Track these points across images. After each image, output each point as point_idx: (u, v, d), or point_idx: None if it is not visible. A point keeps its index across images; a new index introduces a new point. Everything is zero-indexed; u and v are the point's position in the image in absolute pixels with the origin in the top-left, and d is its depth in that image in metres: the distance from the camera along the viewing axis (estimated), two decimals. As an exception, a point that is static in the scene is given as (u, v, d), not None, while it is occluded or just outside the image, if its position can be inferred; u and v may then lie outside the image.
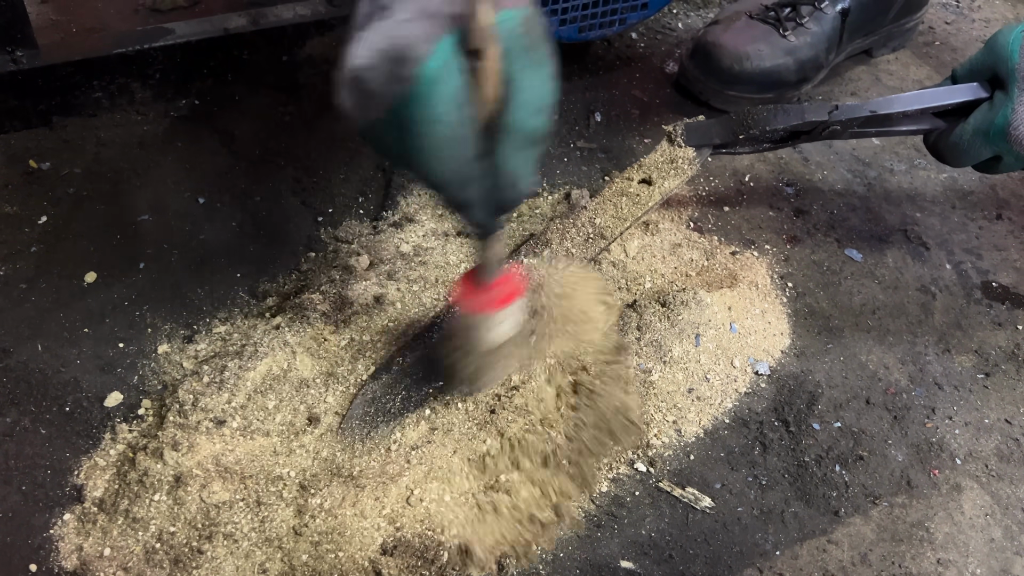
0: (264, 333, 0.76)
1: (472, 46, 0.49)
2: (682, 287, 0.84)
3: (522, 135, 0.53)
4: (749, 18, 1.06)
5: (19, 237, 0.85)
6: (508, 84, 0.51)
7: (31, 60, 0.92)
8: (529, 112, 0.52)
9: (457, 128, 0.50)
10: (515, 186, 0.55)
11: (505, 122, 0.52)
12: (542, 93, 0.53)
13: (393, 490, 0.66)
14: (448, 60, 0.49)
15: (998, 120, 0.74)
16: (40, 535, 0.65)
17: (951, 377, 0.82)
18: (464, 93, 0.50)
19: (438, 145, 0.50)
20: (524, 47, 0.51)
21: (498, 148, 0.53)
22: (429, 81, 0.49)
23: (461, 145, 0.51)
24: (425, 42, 0.49)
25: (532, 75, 0.52)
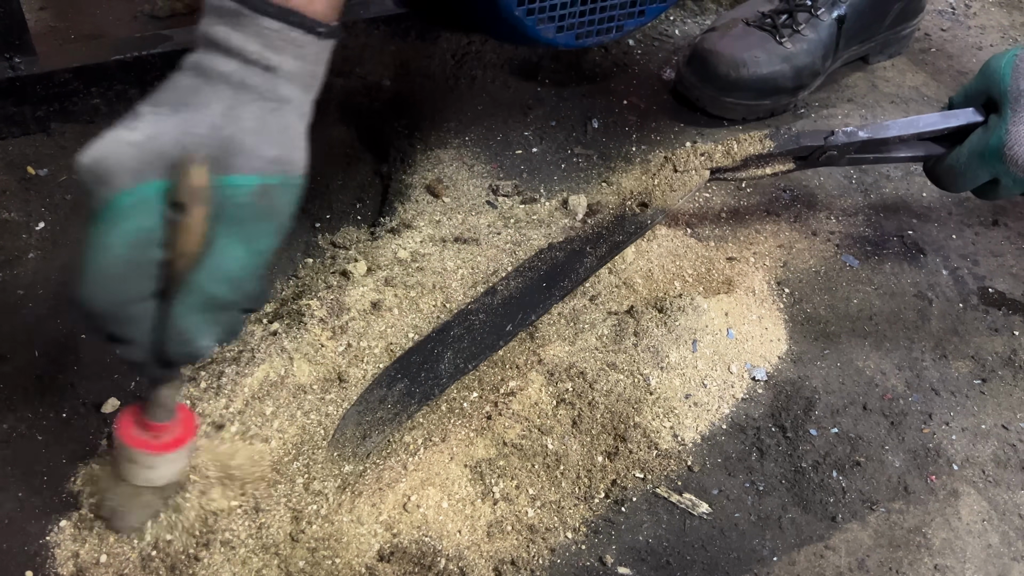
0: (261, 339, 0.76)
1: (176, 199, 0.48)
2: (679, 293, 0.84)
3: (202, 298, 0.51)
4: (746, 25, 1.07)
5: (17, 243, 0.85)
6: (206, 246, 0.49)
7: (29, 67, 0.92)
8: (215, 278, 0.50)
9: (128, 267, 0.49)
10: (186, 345, 0.52)
11: (188, 280, 0.50)
12: (238, 266, 0.51)
13: (390, 496, 0.66)
14: (145, 201, 0.48)
15: (993, 141, 0.74)
16: (36, 542, 0.65)
17: (948, 383, 0.82)
18: (154, 238, 0.49)
19: (100, 273, 0.49)
20: (240, 217, 0.50)
21: (173, 303, 0.51)
22: (111, 210, 0.48)
23: (127, 284, 0.49)
24: (128, 175, 0.48)
25: (233, 245, 0.50)
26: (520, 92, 1.08)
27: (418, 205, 0.92)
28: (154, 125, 0.49)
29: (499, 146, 1.01)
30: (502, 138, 1.02)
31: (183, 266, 0.50)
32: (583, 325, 0.80)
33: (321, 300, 0.79)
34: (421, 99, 1.05)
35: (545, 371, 0.75)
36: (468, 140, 1.01)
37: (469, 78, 1.09)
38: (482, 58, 1.11)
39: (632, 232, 0.85)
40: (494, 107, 1.05)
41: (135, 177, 0.48)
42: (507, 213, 0.93)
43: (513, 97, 1.07)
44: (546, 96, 1.08)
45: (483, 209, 0.93)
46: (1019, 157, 0.73)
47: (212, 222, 0.49)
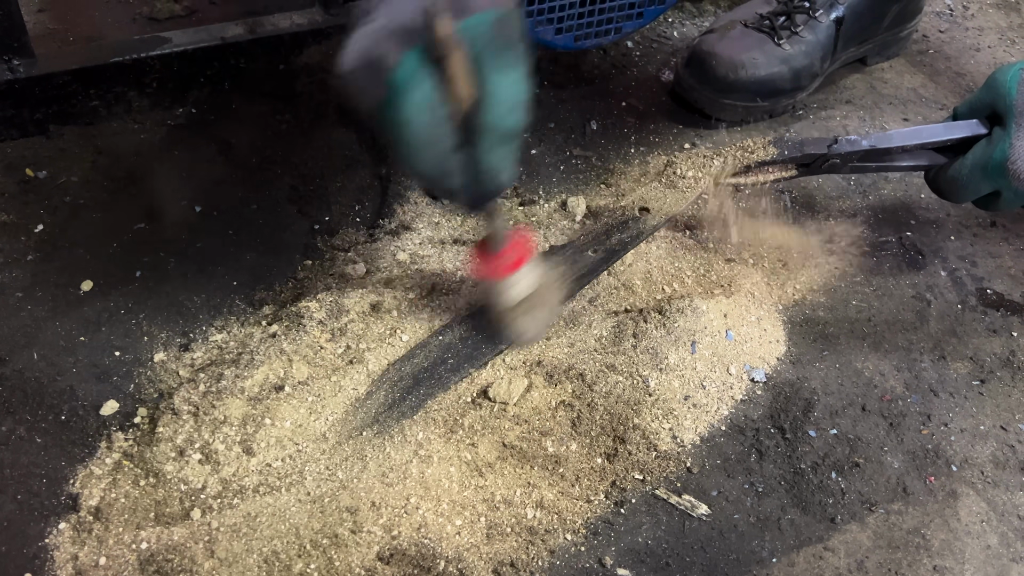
0: (260, 341, 0.76)
1: (435, 55, 0.54)
2: (678, 295, 0.84)
3: (498, 132, 0.57)
4: (744, 27, 1.07)
5: (15, 246, 0.85)
6: (481, 85, 0.55)
7: (28, 69, 0.92)
8: (502, 111, 0.56)
9: (429, 128, 0.55)
10: (495, 178, 0.59)
11: (479, 122, 0.56)
12: (514, 92, 0.56)
13: (391, 498, 0.66)
14: (415, 69, 0.54)
15: (996, 155, 0.75)
16: (35, 544, 0.65)
17: (947, 384, 0.82)
18: (435, 97, 0.55)
19: (413, 142, 0.56)
20: (494, 50, 0.55)
21: (476, 145, 0.57)
22: (398, 88, 0.54)
23: (436, 142, 0.56)
24: (393, 53, 0.53)
25: (503, 76, 0.56)
26: (519, 94, 1.08)
27: (417, 207, 0.92)
28: (385, 9, 0.55)
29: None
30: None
31: (464, 109, 0.56)
32: (582, 327, 0.80)
33: (320, 302, 0.79)
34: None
35: (544, 372, 0.75)
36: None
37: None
38: (481, 60, 1.11)
39: (634, 237, 0.85)
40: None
41: (397, 51, 0.53)
42: (506, 215, 0.93)
43: (512, 99, 1.07)
44: (545, 98, 1.08)
45: (482, 211, 0.93)
46: (1022, 171, 0.74)
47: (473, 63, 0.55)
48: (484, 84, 0.55)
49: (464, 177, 0.59)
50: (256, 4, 1.18)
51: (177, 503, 0.66)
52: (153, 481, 0.67)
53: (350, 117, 1.02)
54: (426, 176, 0.59)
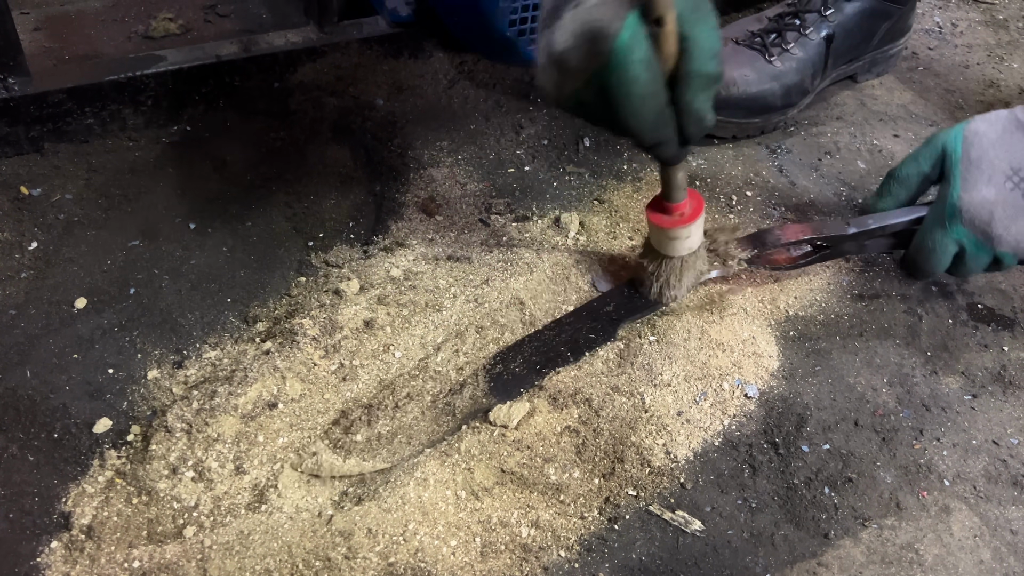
0: (254, 358, 0.76)
1: (655, 15, 0.59)
2: (671, 311, 0.85)
3: (703, 79, 0.62)
4: (735, 44, 1.08)
5: (9, 263, 0.85)
6: (684, 39, 0.61)
7: (23, 87, 0.93)
8: (706, 59, 0.62)
9: (650, 85, 0.61)
10: (701, 122, 0.64)
11: (687, 71, 0.62)
12: (713, 40, 0.62)
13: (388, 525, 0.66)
14: (636, 31, 0.59)
15: (949, 208, 0.80)
16: (27, 563, 0.64)
17: (938, 399, 0.82)
18: (652, 55, 0.60)
19: (637, 102, 0.61)
20: (692, 6, 0.61)
21: (684, 93, 0.63)
22: (624, 52, 0.59)
23: (655, 98, 0.62)
24: (615, 20, 0.59)
25: (703, 28, 0.62)
26: (512, 111, 1.09)
27: (411, 223, 0.93)
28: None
29: (492, 165, 1.02)
30: (495, 157, 1.03)
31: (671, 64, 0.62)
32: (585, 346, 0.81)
33: (314, 319, 0.79)
34: (414, 118, 1.06)
35: (548, 396, 0.75)
36: (461, 159, 1.01)
37: (462, 97, 1.10)
38: (475, 78, 1.12)
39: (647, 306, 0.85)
40: (486, 126, 1.06)
41: (617, 18, 0.59)
42: (500, 231, 0.93)
43: (505, 116, 1.08)
44: (538, 115, 1.09)
45: (476, 227, 0.93)
46: (976, 218, 0.79)
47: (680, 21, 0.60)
48: (689, 36, 0.61)
49: (673, 127, 0.64)
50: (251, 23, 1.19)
51: (170, 521, 0.66)
52: (146, 499, 0.67)
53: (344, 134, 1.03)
54: (645, 130, 0.63)
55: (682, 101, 0.63)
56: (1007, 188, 0.78)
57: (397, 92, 1.08)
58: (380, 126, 1.04)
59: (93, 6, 1.19)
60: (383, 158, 1.00)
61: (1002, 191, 0.78)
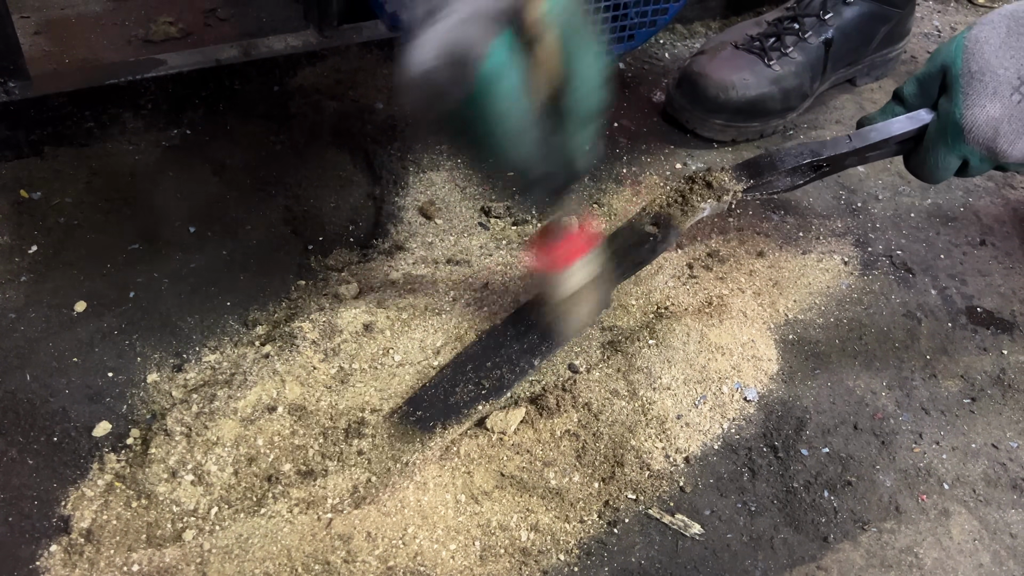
0: (254, 362, 0.76)
1: (527, 37, 0.53)
2: (671, 314, 0.85)
3: (584, 113, 0.57)
4: (735, 48, 1.08)
5: (9, 266, 0.85)
6: (565, 67, 0.55)
7: (23, 91, 0.93)
8: (588, 92, 0.56)
9: (521, 117, 0.54)
10: (582, 159, 0.59)
11: (567, 103, 0.56)
12: (597, 72, 0.56)
13: (387, 528, 0.66)
14: (506, 55, 0.52)
15: (951, 126, 0.75)
16: (26, 567, 0.64)
17: (938, 402, 0.82)
18: (524, 83, 0.54)
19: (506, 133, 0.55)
20: (574, 33, 0.55)
21: (563, 128, 0.57)
22: (491, 78, 0.52)
23: (527, 131, 0.55)
24: (483, 41, 0.52)
25: (584, 59, 0.55)
26: (512, 115, 1.09)
27: (410, 227, 0.93)
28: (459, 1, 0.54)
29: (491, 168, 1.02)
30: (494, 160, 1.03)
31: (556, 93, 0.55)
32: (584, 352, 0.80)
33: (313, 322, 0.79)
34: (414, 122, 1.06)
35: (549, 401, 0.75)
36: (460, 162, 1.02)
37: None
38: (474, 81, 1.12)
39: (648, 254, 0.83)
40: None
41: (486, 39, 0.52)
42: (499, 235, 0.93)
43: (505, 120, 1.08)
44: (537, 118, 1.09)
45: (475, 231, 0.93)
46: (980, 136, 0.74)
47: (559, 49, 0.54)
48: (569, 66, 0.55)
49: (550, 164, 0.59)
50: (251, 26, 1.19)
51: (169, 525, 0.66)
52: (145, 503, 0.67)
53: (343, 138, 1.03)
54: (515, 165, 0.58)
55: (560, 138, 0.57)
56: (1014, 101, 0.72)
57: (397, 96, 1.09)
58: (380, 130, 1.04)
59: (93, 10, 1.19)
60: (382, 162, 1.00)
61: (1008, 104, 0.72)
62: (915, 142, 0.80)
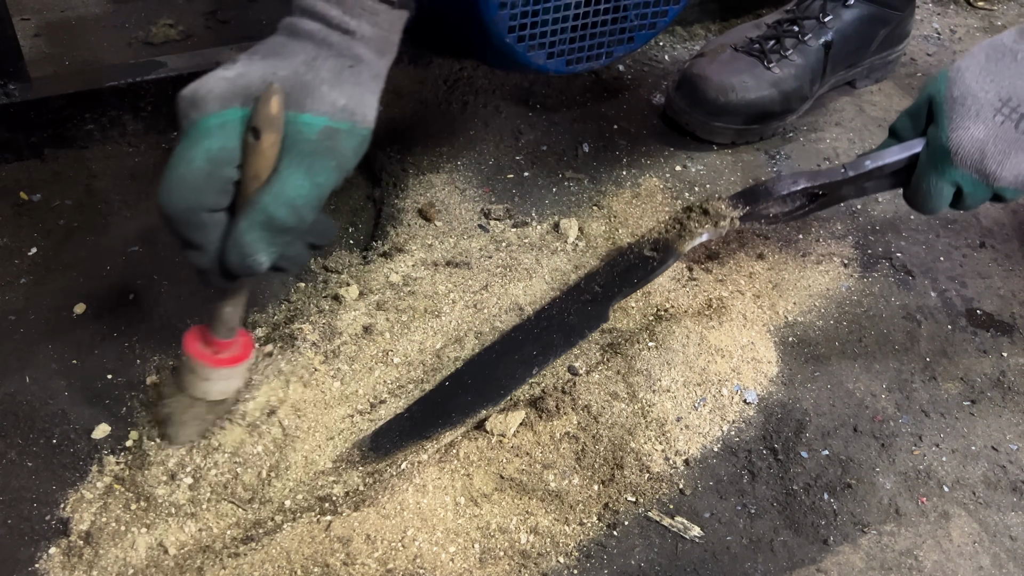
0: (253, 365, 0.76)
1: (254, 124, 0.56)
2: (670, 316, 0.85)
3: (263, 216, 0.57)
4: (734, 50, 1.08)
5: (9, 269, 0.85)
6: (274, 171, 0.57)
7: (23, 93, 0.93)
8: (278, 200, 0.57)
9: (205, 179, 0.56)
10: (245, 257, 0.58)
11: (253, 198, 0.57)
12: (298, 193, 0.57)
13: (386, 531, 0.66)
14: (227, 124, 0.56)
15: (939, 151, 0.77)
16: (25, 569, 0.64)
17: (937, 404, 0.82)
18: (231, 157, 0.56)
19: (180, 182, 0.56)
20: (306, 151, 0.57)
21: (239, 219, 0.58)
22: (197, 129, 0.56)
23: (202, 194, 0.57)
24: (217, 102, 0.56)
25: (297, 175, 0.57)
26: (511, 117, 1.09)
27: (410, 229, 0.93)
28: (245, 66, 0.58)
29: (491, 170, 1.02)
30: (494, 162, 1.03)
31: (252, 187, 0.57)
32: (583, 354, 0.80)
33: (313, 324, 0.79)
34: (413, 124, 1.06)
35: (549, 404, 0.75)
36: (460, 165, 1.02)
37: (461, 103, 1.10)
38: (474, 84, 1.12)
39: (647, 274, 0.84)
40: (486, 132, 1.06)
41: (222, 103, 0.56)
42: (499, 237, 0.93)
43: (504, 122, 1.08)
44: (537, 121, 1.09)
45: (475, 233, 0.93)
46: (967, 158, 0.75)
47: (282, 152, 0.57)
48: (279, 170, 0.57)
49: (217, 243, 0.59)
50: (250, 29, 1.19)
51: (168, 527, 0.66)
52: (144, 505, 0.67)
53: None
54: (176, 219, 0.57)
55: (234, 226, 0.58)
56: (997, 122, 0.74)
57: (396, 98, 1.09)
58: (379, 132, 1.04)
59: (94, 12, 1.20)
60: (382, 164, 1.00)
61: (992, 125, 0.74)
62: (910, 172, 0.82)
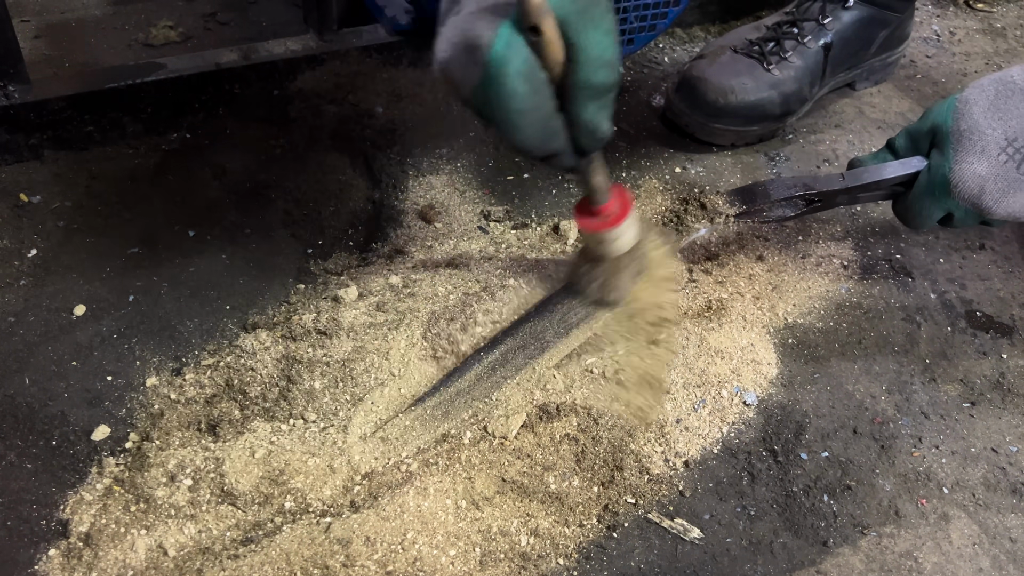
0: (253, 365, 0.76)
1: (529, 24, 0.55)
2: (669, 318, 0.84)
3: (591, 90, 0.58)
4: (734, 52, 1.08)
5: (8, 270, 0.85)
6: (571, 47, 0.57)
7: (23, 95, 0.93)
8: (594, 68, 0.58)
9: (531, 98, 0.57)
10: (593, 134, 0.61)
11: (573, 81, 0.58)
12: (602, 49, 0.58)
13: (387, 533, 0.66)
14: (510, 41, 0.55)
15: (939, 181, 0.78)
16: (25, 571, 0.64)
17: (937, 406, 0.82)
18: (532, 65, 0.56)
19: (516, 116, 0.57)
20: (578, 11, 0.57)
21: (573, 106, 0.59)
22: (497, 64, 0.55)
23: (538, 111, 0.58)
24: (488, 30, 0.55)
25: (592, 34, 0.57)
26: (511, 119, 1.09)
27: (410, 231, 0.93)
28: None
29: (490, 172, 1.02)
30: (493, 164, 1.03)
31: (559, 73, 0.57)
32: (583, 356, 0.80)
33: (313, 326, 0.79)
34: (413, 126, 1.06)
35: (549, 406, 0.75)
36: (460, 166, 1.02)
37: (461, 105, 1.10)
38: (473, 85, 1.12)
39: None
40: (485, 134, 1.06)
41: (490, 27, 0.55)
42: (498, 238, 0.93)
43: (504, 124, 1.08)
44: (537, 122, 1.09)
45: (474, 235, 0.93)
46: (966, 192, 0.77)
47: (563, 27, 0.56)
48: (576, 43, 0.57)
49: (565, 138, 0.61)
50: (250, 30, 1.19)
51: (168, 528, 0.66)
52: (144, 506, 0.67)
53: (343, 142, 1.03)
54: (531, 145, 0.60)
55: (571, 114, 0.60)
56: (1000, 161, 0.75)
57: (396, 100, 1.09)
58: (379, 134, 1.04)
59: (93, 14, 1.20)
60: (382, 166, 1.01)
61: (995, 164, 0.75)
62: (903, 188, 0.83)
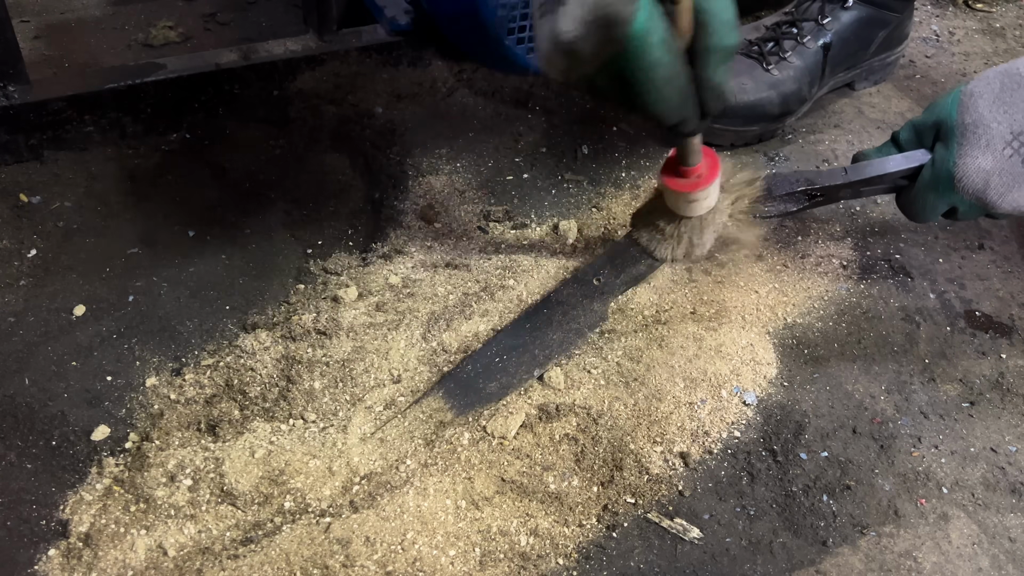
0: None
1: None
2: (669, 318, 0.85)
3: (721, 52, 0.61)
4: (733, 53, 1.08)
5: (8, 271, 0.85)
6: (700, 12, 0.59)
7: (23, 95, 0.93)
8: (724, 31, 0.60)
9: (671, 67, 0.59)
10: (721, 96, 0.63)
11: (705, 45, 0.60)
12: (729, 12, 0.61)
13: (386, 533, 0.66)
14: (651, 12, 0.56)
15: (943, 175, 0.78)
16: (24, 571, 0.64)
17: (936, 406, 0.82)
18: (671, 34, 0.58)
19: (660, 85, 0.59)
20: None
21: (704, 69, 0.61)
22: (642, 36, 0.56)
23: (676, 79, 0.60)
24: (627, 4, 0.55)
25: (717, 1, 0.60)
26: (511, 119, 1.09)
27: (409, 231, 0.93)
28: None
29: (490, 172, 1.02)
30: (493, 164, 1.03)
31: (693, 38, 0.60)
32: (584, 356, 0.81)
33: (312, 326, 0.79)
34: (413, 126, 1.06)
35: (548, 406, 0.75)
36: (459, 167, 1.02)
37: (460, 106, 1.10)
38: (473, 86, 1.12)
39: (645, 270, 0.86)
40: (485, 134, 1.06)
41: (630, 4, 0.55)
42: (498, 238, 0.93)
43: (504, 124, 1.08)
44: (536, 123, 1.09)
45: (474, 235, 0.93)
46: (970, 187, 0.76)
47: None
48: (705, 8, 0.59)
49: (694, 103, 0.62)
50: (250, 31, 1.19)
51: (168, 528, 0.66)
52: (144, 506, 0.67)
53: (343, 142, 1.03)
54: (668, 112, 0.61)
55: (702, 77, 0.62)
56: (1006, 155, 0.75)
57: (396, 100, 1.09)
58: (379, 134, 1.04)
59: (93, 14, 1.20)
60: (382, 166, 1.01)
61: (1000, 158, 0.75)
62: (907, 181, 0.83)
